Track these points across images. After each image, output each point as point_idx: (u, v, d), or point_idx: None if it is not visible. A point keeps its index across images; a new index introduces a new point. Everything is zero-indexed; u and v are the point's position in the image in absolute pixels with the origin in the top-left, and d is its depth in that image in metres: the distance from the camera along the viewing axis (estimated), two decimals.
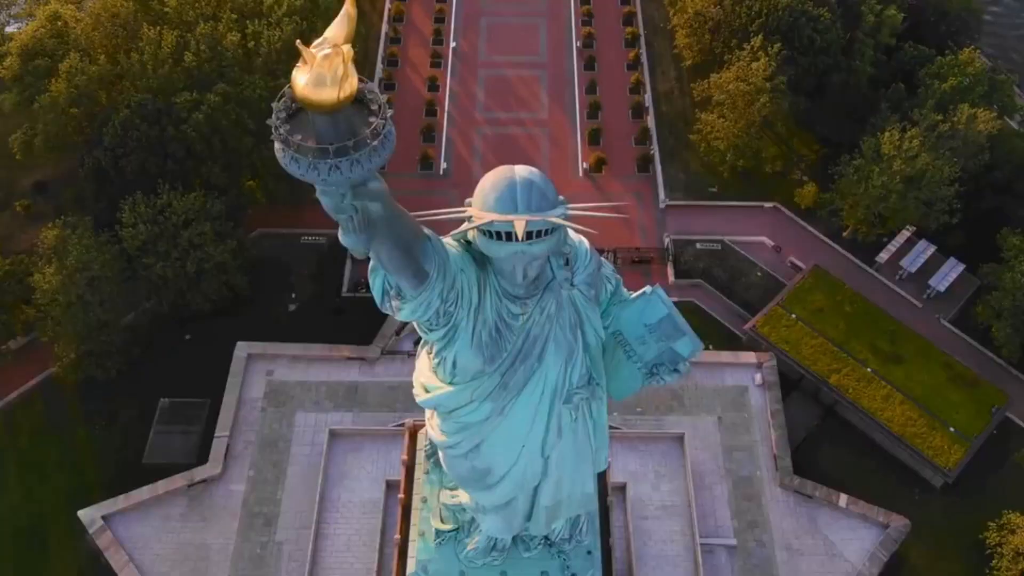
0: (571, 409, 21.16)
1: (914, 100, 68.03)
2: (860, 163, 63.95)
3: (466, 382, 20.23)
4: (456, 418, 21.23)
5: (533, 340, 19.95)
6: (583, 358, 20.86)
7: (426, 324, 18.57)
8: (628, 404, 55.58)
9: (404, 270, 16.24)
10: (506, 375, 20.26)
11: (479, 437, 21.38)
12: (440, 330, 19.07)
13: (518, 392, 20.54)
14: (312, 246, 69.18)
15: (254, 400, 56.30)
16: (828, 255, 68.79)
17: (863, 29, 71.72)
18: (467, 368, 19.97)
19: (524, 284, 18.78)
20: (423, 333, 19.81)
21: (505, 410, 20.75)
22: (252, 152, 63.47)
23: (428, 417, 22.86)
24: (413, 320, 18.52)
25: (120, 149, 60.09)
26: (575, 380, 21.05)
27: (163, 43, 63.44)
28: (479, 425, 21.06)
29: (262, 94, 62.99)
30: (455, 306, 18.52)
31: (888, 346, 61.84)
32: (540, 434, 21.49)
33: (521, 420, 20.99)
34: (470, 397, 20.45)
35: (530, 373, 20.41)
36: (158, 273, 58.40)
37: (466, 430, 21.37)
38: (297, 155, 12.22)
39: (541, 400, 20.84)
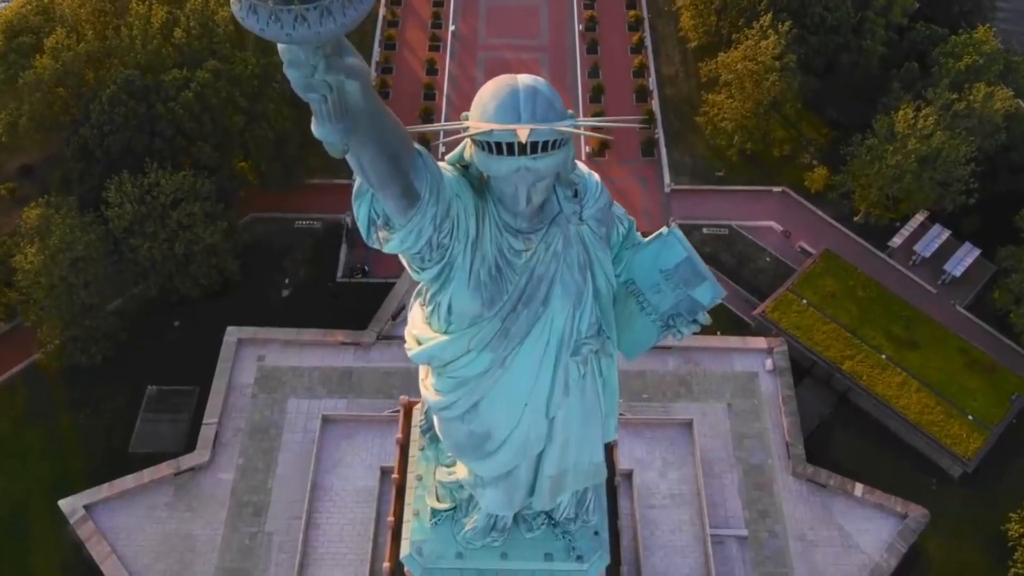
0: (579, 362, 18.72)
1: (928, 80, 65.94)
2: (873, 143, 61.84)
3: (463, 329, 17.77)
4: (452, 372, 18.74)
5: (538, 281, 17.40)
6: (593, 305, 18.42)
7: (418, 260, 16.01)
8: (633, 390, 53.43)
9: (391, 185, 13.80)
10: (507, 320, 17.72)
11: (477, 394, 18.91)
12: (433, 267, 16.51)
13: (520, 341, 18.00)
14: (306, 230, 67.12)
15: (244, 386, 54.12)
16: (839, 240, 66.61)
17: (874, 8, 69.60)
18: (464, 313, 17.47)
19: (528, 212, 16.39)
20: (415, 274, 17.27)
21: (506, 362, 18.23)
22: (244, 131, 61.36)
23: (422, 378, 20.50)
24: (403, 254, 16.06)
25: (107, 126, 57.96)
26: (584, 329, 18.51)
27: (152, 19, 61.36)
28: (477, 380, 18.57)
29: (254, 71, 60.93)
30: (450, 237, 15.94)
31: (903, 332, 59.67)
32: (545, 391, 19.00)
33: (524, 373, 18.50)
34: (467, 346, 17.92)
35: (534, 319, 17.87)
36: (145, 255, 56.26)
37: (463, 386, 18.88)
38: (256, 3, 9.93)
39: (546, 351, 18.31)
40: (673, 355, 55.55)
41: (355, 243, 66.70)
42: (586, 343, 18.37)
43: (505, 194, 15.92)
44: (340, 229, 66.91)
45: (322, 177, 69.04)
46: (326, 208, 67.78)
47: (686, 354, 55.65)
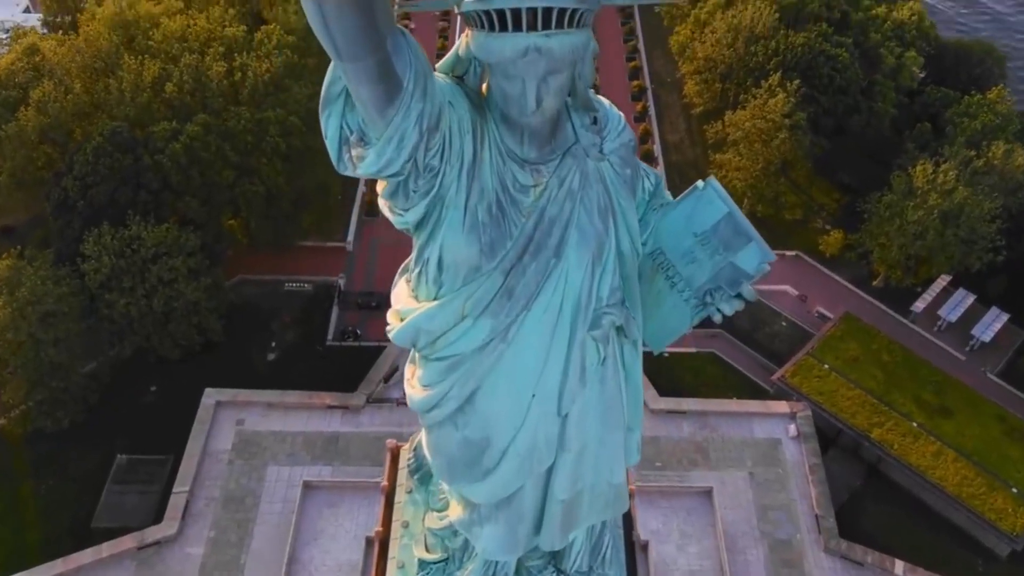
0: (598, 339, 14.29)
1: (942, 140, 63.97)
2: (892, 199, 59.21)
3: (456, 290, 13.48)
4: (443, 350, 14.18)
5: (549, 224, 13.02)
6: (615, 263, 14.19)
7: (401, 194, 12.00)
8: (646, 457, 48.77)
9: (364, 55, 9.95)
10: (511, 275, 13.17)
11: (474, 381, 14.34)
12: (420, 203, 12.30)
13: (527, 304, 13.39)
14: (296, 293, 63.81)
15: (221, 452, 49.56)
16: (858, 304, 63.22)
17: (882, 71, 68.41)
18: (458, 264, 13.07)
19: (536, 124, 12.47)
20: (397, 218, 13.13)
21: (510, 332, 13.55)
22: (234, 186, 58.73)
23: (407, 378, 16.36)
24: (382, 182, 12.14)
25: (90, 178, 55.34)
26: (605, 293, 14.03)
27: (144, 73, 59.68)
28: (474, 358, 13.99)
29: (247, 125, 58.74)
30: (440, 158, 11.82)
31: (934, 398, 55.50)
32: (556, 376, 14.35)
33: (531, 349, 13.91)
34: (461, 311, 13.34)
35: (544, 274, 13.30)
36: (121, 311, 52.67)
37: (456, 369, 14.30)
38: None
39: (559, 320, 13.67)
40: (688, 420, 51.27)
41: (347, 306, 63.41)
42: (607, 312, 13.94)
43: (510, 98, 12.11)
44: (332, 291, 63.67)
45: (315, 239, 66.48)
46: (318, 270, 64.83)
47: (702, 419, 51.38)
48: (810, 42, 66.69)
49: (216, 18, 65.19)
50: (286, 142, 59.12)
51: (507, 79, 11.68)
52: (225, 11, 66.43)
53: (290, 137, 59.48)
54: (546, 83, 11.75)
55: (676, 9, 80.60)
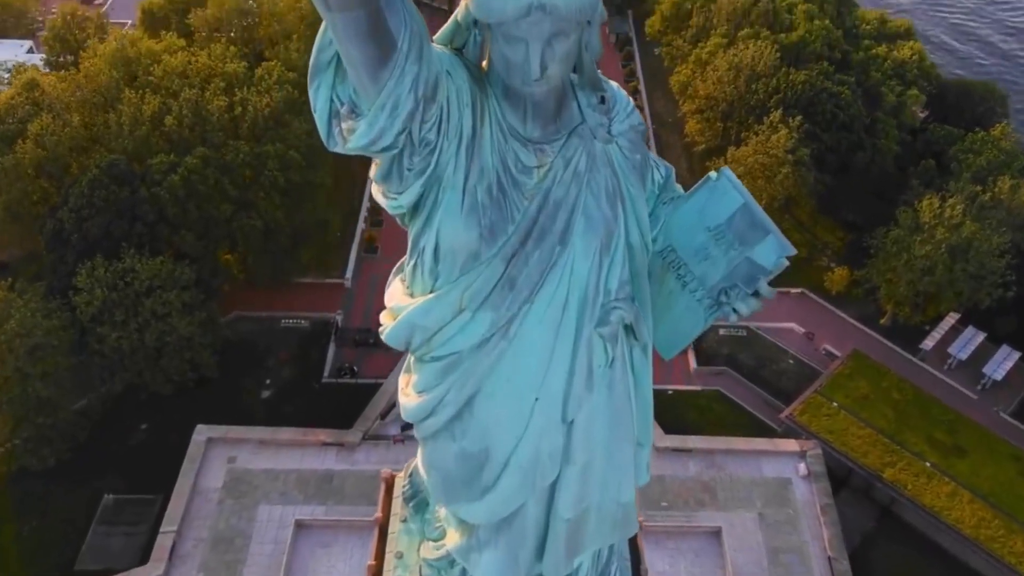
0: (606, 338, 12.97)
1: (947, 176, 63.41)
2: (898, 234, 58.36)
3: (453, 281, 12.26)
4: (439, 348, 12.87)
5: (554, 208, 11.83)
6: (625, 254, 12.96)
7: (396, 173, 10.94)
8: (651, 496, 47.21)
9: (355, 5, 8.97)
10: (513, 264, 11.92)
11: (472, 383, 13.01)
12: (415, 183, 11.17)
13: (530, 296, 12.12)
14: (293, 329, 62.62)
15: (211, 490, 47.91)
16: (865, 342, 61.96)
17: (884, 109, 68.20)
18: (456, 251, 11.84)
19: (540, 94, 11.38)
20: (391, 202, 12.01)
21: (511, 328, 12.25)
22: (231, 220, 57.95)
23: (401, 387, 15.10)
24: (374, 158, 11.08)
25: (86, 210, 54.55)
26: (613, 286, 12.74)
27: (144, 107, 59.35)
28: (472, 357, 12.67)
29: (246, 159, 58.21)
30: (437, 132, 10.71)
31: (947, 437, 53.94)
32: (561, 378, 12.99)
33: (534, 347, 12.58)
34: (459, 303, 12.07)
35: (548, 263, 12.04)
36: (112, 345, 51.42)
37: (453, 371, 13.00)
38: None
39: (564, 314, 12.37)
40: (694, 459, 49.67)
41: (344, 342, 62.20)
42: (616, 306, 12.67)
43: (512, 65, 11.07)
44: (329, 328, 62.50)
45: (313, 275, 65.57)
46: (315, 306, 63.75)
47: (709, 457, 49.78)
48: (811, 80, 66.61)
49: (218, 55, 65.14)
50: (285, 176, 58.50)
51: (509, 43, 10.59)
52: (227, 48, 66.42)
53: (289, 171, 58.88)
54: (551, 47, 10.66)
55: (676, 50, 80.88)
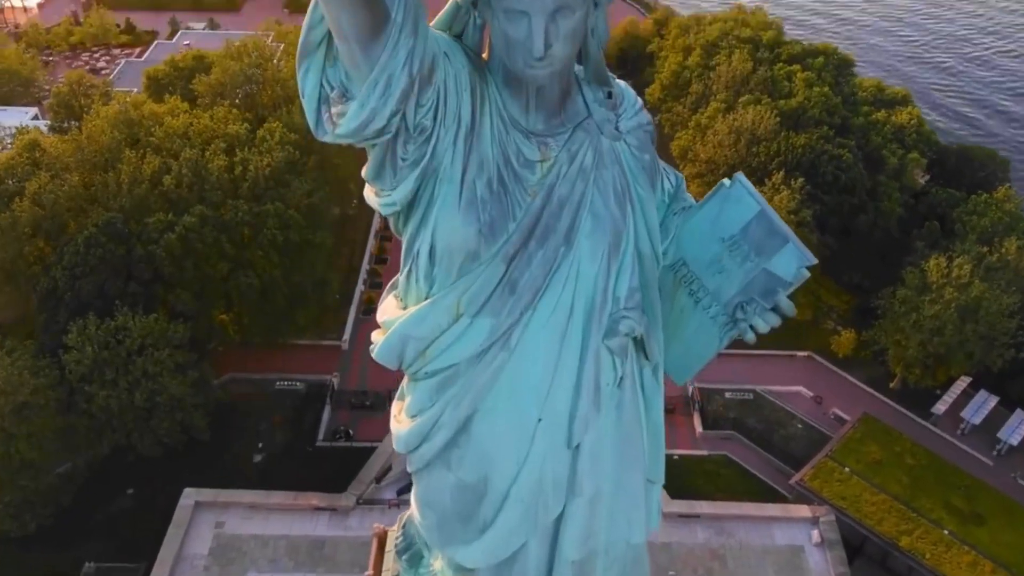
0: (615, 352, 11.77)
1: (952, 239, 62.89)
2: (906, 294, 57.42)
3: (451, 284, 11.15)
4: (434, 362, 11.61)
5: (558, 206, 10.80)
6: (634, 260, 11.88)
7: (390, 164, 9.97)
8: (659, 565, 44.93)
9: None
10: (514, 264, 10.82)
11: (469, 401, 11.69)
12: (410, 175, 10.25)
13: (533, 300, 10.96)
14: (287, 392, 61.17)
15: (197, 557, 45.82)
16: (875, 406, 60.40)
17: (886, 172, 68.19)
18: (452, 251, 10.76)
19: (543, 80, 10.54)
20: (385, 199, 10.99)
21: (513, 337, 11.04)
22: (228, 279, 57.16)
23: (394, 414, 13.76)
24: (366, 143, 10.09)
25: (80, 268, 53.82)
26: (622, 292, 11.63)
27: (144, 166, 59.23)
28: (470, 372, 11.43)
29: (244, 218, 57.74)
30: (434, 118, 9.80)
31: (964, 504, 51.90)
32: (567, 395, 11.69)
33: (537, 359, 11.33)
34: (456, 308, 10.90)
35: (552, 264, 10.94)
36: (100, 404, 49.92)
37: (449, 387, 11.71)
38: None
39: (570, 323, 11.17)
40: (703, 525, 47.63)
41: (340, 405, 60.67)
42: (625, 316, 11.50)
43: (514, 44, 10.21)
44: (325, 390, 61.04)
45: (310, 337, 64.43)
46: (311, 368, 62.50)
47: (718, 524, 47.75)
48: (812, 143, 66.78)
49: (220, 117, 65.48)
50: (284, 235, 57.95)
51: (510, 19, 9.68)
52: (229, 111, 66.82)
53: (288, 230, 58.36)
54: (555, 23, 9.76)
55: (676, 116, 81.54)
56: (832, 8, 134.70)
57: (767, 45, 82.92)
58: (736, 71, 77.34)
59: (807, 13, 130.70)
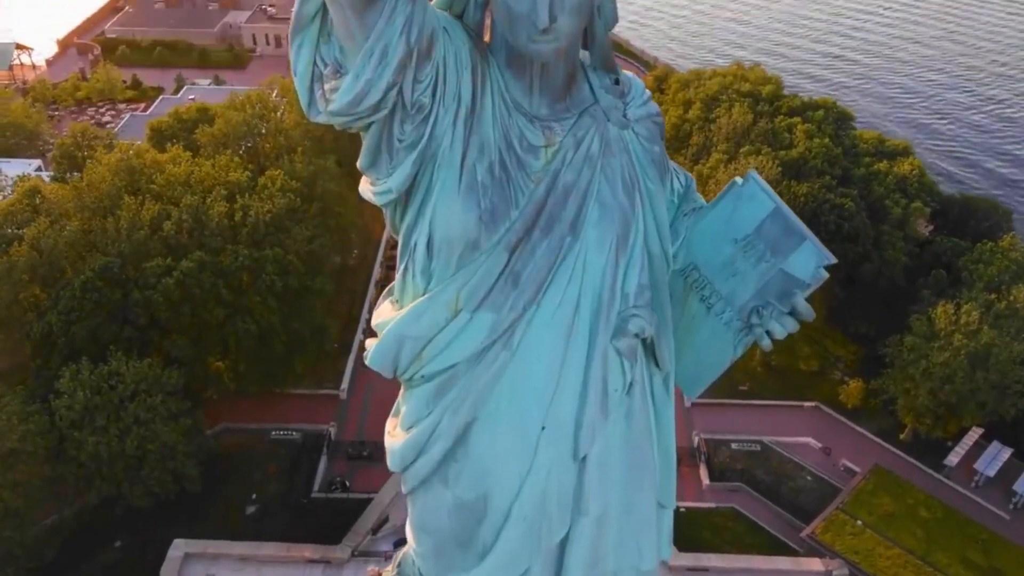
0: (623, 353, 10.83)
1: (958, 287, 62.16)
2: (914, 341, 56.42)
3: (450, 277, 10.35)
4: (431, 363, 10.66)
5: (564, 193, 10.04)
6: (643, 255, 11.07)
7: (384, 147, 9.32)
8: None
9: None
10: (517, 255, 9.99)
11: (468, 407, 10.68)
12: (407, 159, 9.54)
13: (537, 294, 10.08)
14: (283, 441, 59.80)
15: None
16: (885, 458, 58.91)
17: (889, 222, 67.86)
18: (451, 242, 9.95)
19: (548, 57, 9.89)
20: (381, 186, 10.27)
21: (515, 335, 10.14)
22: (225, 324, 56.31)
23: (388, 430, 12.78)
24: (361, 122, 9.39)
25: (75, 313, 53.04)
26: (631, 289, 10.77)
27: (144, 212, 58.92)
28: (469, 375, 10.45)
29: (244, 263, 57.16)
30: (432, 95, 9.15)
31: (982, 559, 50.17)
32: (572, 400, 10.68)
33: (541, 360, 10.36)
34: (455, 302, 10.06)
35: (558, 254, 10.09)
36: (90, 451, 48.56)
37: (447, 392, 10.73)
38: None
39: (576, 320, 10.29)
40: None
41: (337, 455, 59.21)
42: (635, 314, 10.63)
43: (516, 18, 9.57)
44: (321, 440, 59.67)
45: (307, 386, 63.34)
46: (308, 418, 61.29)
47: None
48: (814, 192, 66.61)
49: (222, 165, 65.49)
50: (283, 281, 57.30)
51: None
52: (231, 159, 66.89)
53: (288, 276, 57.75)
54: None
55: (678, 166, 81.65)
56: (830, 61, 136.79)
57: (767, 99, 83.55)
58: (737, 123, 77.70)
59: (803, 71, 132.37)
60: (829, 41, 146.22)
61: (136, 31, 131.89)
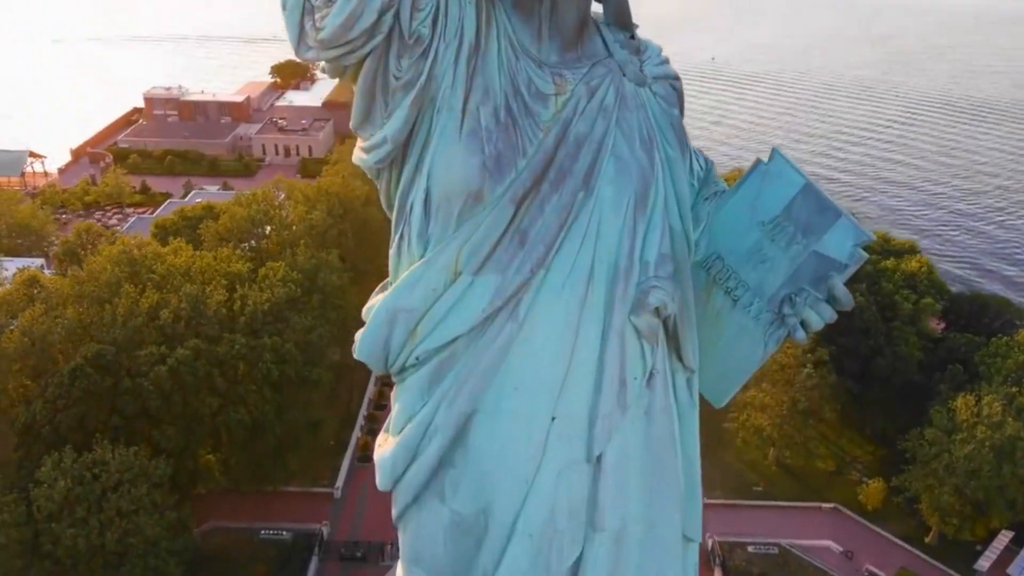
0: (643, 332, 9.34)
1: (976, 381, 60.28)
2: (935, 434, 54.11)
3: (450, 235, 9.06)
4: (427, 341, 9.01)
5: (576, 144, 8.85)
6: (664, 222, 9.73)
7: (379, 89, 8.31)
8: None
9: None
10: (524, 209, 8.71)
11: (468, 395, 8.95)
12: (404, 101, 8.48)
13: (546, 256, 8.69)
14: (272, 541, 57.02)
15: None
16: (912, 562, 55.72)
17: (901, 318, 66.67)
18: (451, 196, 8.65)
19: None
20: (373, 137, 9.17)
21: (521, 305, 8.66)
22: (217, 414, 54.31)
23: (379, 444, 11.08)
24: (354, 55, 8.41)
25: (61, 400, 51.24)
26: (651, 257, 9.40)
27: (142, 301, 57.96)
28: (470, 352, 8.88)
29: (240, 351, 55.71)
30: (432, 27, 8.26)
31: None
32: (586, 386, 8.96)
33: (551, 336, 8.78)
34: (455, 263, 8.68)
35: (570, 211, 8.76)
36: (67, 545, 45.71)
37: (444, 376, 8.96)
38: None
39: (590, 289, 8.88)
40: None
41: (329, 555, 55.93)
42: (656, 286, 9.23)
43: None
44: (314, 540, 56.55)
45: (301, 484, 60.65)
46: (300, 517, 58.51)
47: None
48: None
49: (223, 257, 65.08)
50: (279, 370, 55.72)
51: None
52: (233, 251, 66.56)
53: (285, 365, 56.20)
54: None
55: None
56: (832, 173, 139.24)
57: None
58: None
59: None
60: (831, 155, 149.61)
61: (149, 142, 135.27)
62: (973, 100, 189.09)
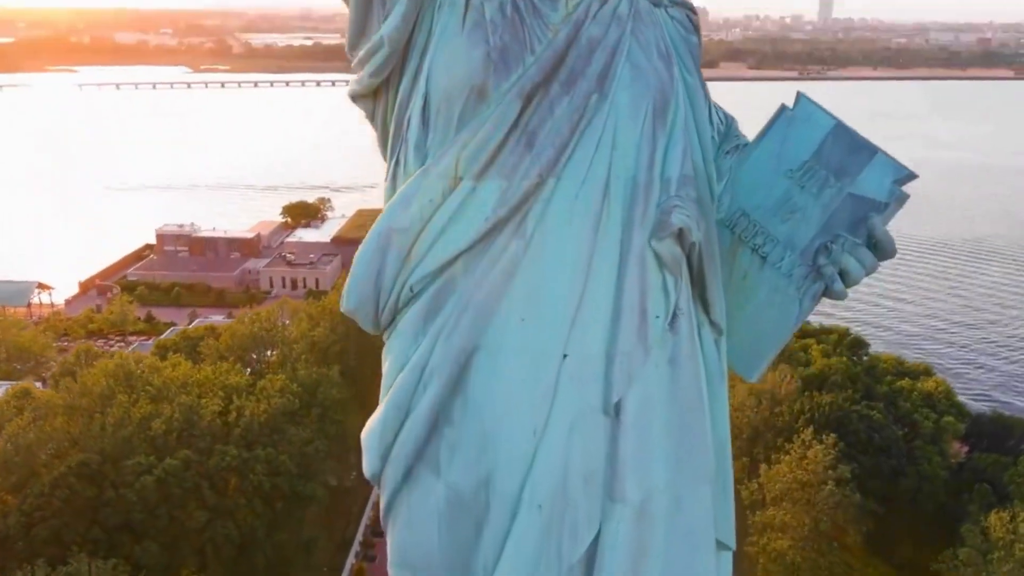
0: (665, 260, 8.11)
1: (1006, 502, 57.11)
2: (968, 553, 50.53)
3: (450, 140, 8.04)
4: (423, 264, 7.71)
5: (588, 46, 7.98)
6: (686, 135, 8.67)
7: None
8: None
9: None
10: (532, 107, 7.82)
11: (468, 330, 7.49)
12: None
13: (556, 163, 7.57)
14: None
15: None
16: None
17: (922, 437, 64.21)
18: (452, 96, 7.65)
19: None
20: (372, 41, 8.41)
21: (528, 219, 7.57)
22: (204, 530, 51.20)
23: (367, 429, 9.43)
24: None
25: (38, 512, 48.48)
26: (673, 173, 8.30)
27: (134, 410, 56.08)
28: (470, 275, 7.80)
29: (231, 463, 53.25)
30: None
31: None
32: (602, 321, 7.82)
33: (563, 255, 7.51)
34: (454, 168, 7.60)
35: (583, 114, 7.83)
36: None
37: (441, 308, 7.62)
38: None
39: (606, 202, 7.80)
40: None
41: None
42: (678, 205, 8.05)
43: None
44: None
45: None
46: None
47: None
48: (838, 403, 63.75)
49: (223, 371, 63.67)
50: (271, 482, 53.12)
51: None
52: (232, 365, 65.21)
53: (278, 478, 53.63)
54: None
55: None
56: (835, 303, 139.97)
57: None
58: None
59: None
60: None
61: (158, 275, 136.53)
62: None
